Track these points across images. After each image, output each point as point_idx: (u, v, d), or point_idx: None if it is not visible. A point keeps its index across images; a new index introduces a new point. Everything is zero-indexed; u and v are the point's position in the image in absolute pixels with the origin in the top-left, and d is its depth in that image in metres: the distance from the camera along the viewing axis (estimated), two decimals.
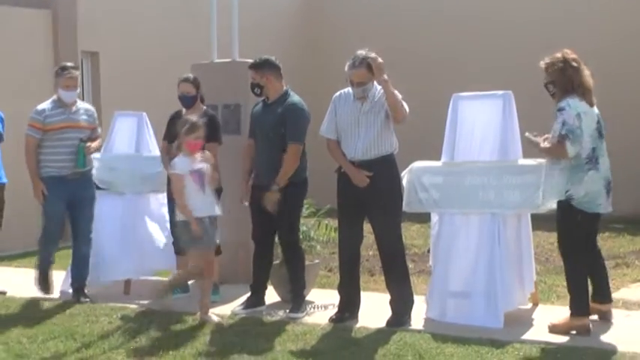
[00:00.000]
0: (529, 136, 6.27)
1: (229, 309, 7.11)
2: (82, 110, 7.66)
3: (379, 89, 6.46)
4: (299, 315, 6.82)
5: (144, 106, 8.99)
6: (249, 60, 7.59)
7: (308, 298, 7.27)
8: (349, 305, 6.69)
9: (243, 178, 7.16)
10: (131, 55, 12.22)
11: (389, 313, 6.53)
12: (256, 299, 7.15)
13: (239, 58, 8.53)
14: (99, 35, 11.91)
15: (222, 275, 7.73)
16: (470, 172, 6.59)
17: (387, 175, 6.51)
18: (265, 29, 13.95)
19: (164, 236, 8.16)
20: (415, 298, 6.70)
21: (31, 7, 11.39)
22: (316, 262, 7.78)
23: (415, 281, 7.63)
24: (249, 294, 7.21)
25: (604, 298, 6.42)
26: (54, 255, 7.78)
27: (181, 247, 7.11)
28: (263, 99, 7.16)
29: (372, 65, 6.35)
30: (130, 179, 8.12)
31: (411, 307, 6.60)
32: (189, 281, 7.56)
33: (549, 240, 9.73)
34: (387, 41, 13.80)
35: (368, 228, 6.71)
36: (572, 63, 6.13)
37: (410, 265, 7.11)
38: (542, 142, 6.14)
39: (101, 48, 12.09)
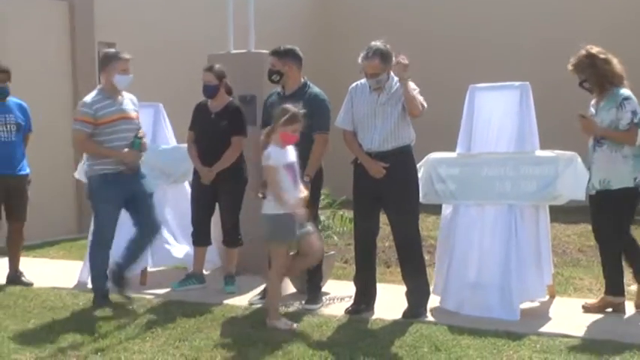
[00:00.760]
0: (583, 114, 6.40)
1: (246, 299, 7.13)
2: (127, 99, 7.17)
3: (396, 80, 6.44)
4: (315, 306, 6.83)
5: (161, 97, 9.00)
6: (264, 51, 7.58)
7: (324, 289, 7.27)
8: (365, 297, 6.69)
9: (258, 171, 7.15)
10: (148, 46, 12.21)
11: (405, 304, 6.52)
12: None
13: (255, 49, 8.52)
14: (116, 26, 11.93)
15: (239, 266, 7.74)
16: (487, 163, 6.57)
17: (403, 167, 6.49)
18: (281, 18, 13.92)
19: (182, 226, 8.18)
20: (431, 289, 6.69)
21: None
22: (332, 253, 7.77)
23: (431, 273, 7.60)
24: (265, 285, 7.21)
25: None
26: (107, 263, 7.03)
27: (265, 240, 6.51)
28: (278, 91, 7.13)
29: (397, 67, 6.32)
30: (147, 170, 8.11)
31: (427, 298, 6.59)
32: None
33: (566, 232, 9.71)
34: (404, 29, 13.80)
35: (384, 219, 6.69)
36: (600, 55, 6.34)
37: (426, 257, 7.08)
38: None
39: (118, 39, 12.08)
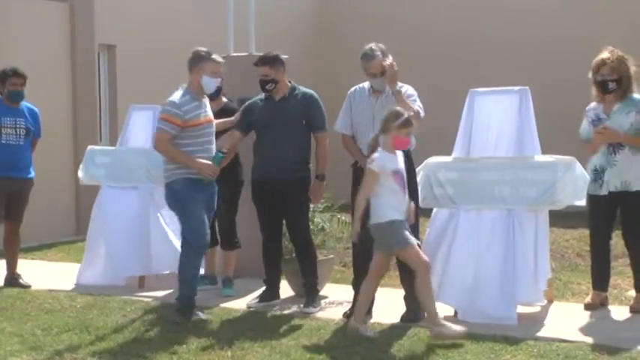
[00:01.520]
0: (604, 127, 6.58)
1: (244, 303, 7.12)
2: (206, 101, 6.81)
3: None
4: (313, 310, 6.82)
5: (160, 100, 8.99)
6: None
7: (322, 293, 7.27)
8: None
9: None
10: (148, 49, 12.24)
11: (403, 308, 6.52)
12: (271, 293, 7.16)
13: (255, 52, 8.52)
14: (116, 28, 11.95)
15: (237, 269, 7.74)
16: (485, 167, 6.56)
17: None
18: (281, 21, 13.92)
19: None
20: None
21: None
22: (330, 257, 7.77)
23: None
24: (263, 288, 7.22)
25: None
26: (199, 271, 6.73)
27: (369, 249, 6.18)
28: (261, 97, 7.12)
29: (386, 73, 6.36)
30: (146, 174, 8.12)
31: None
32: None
33: (565, 237, 9.70)
34: (404, 32, 13.82)
35: None
36: (627, 61, 6.62)
37: None
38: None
39: (118, 41, 12.12)
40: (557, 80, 12.37)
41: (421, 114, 6.46)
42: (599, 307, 6.71)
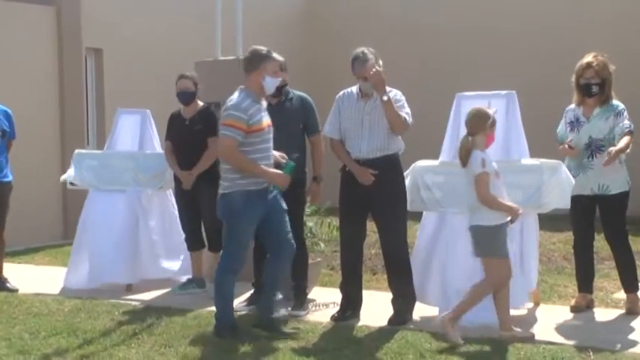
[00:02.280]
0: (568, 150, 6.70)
1: None
2: (265, 104, 6.36)
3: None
4: (301, 313, 6.83)
5: (147, 104, 9.00)
6: None
7: (310, 296, 7.28)
8: (351, 303, 6.69)
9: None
10: (135, 52, 12.23)
11: (391, 311, 6.53)
12: (259, 297, 7.15)
13: (243, 55, 8.51)
14: (103, 32, 11.93)
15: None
16: None
17: (391, 175, 6.50)
18: (268, 23, 13.92)
19: (171, 234, 8.19)
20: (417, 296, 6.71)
21: (35, 3, 11.40)
22: (318, 260, 7.79)
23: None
24: (252, 291, 7.22)
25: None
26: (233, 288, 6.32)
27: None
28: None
29: (372, 81, 6.34)
30: (133, 177, 8.11)
31: (413, 305, 6.60)
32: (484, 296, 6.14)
33: (551, 240, 9.74)
34: (392, 37, 13.84)
35: (370, 227, 6.71)
36: (609, 66, 6.71)
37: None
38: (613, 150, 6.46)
39: (105, 45, 12.10)
40: (544, 84, 12.41)
41: (408, 120, 6.47)
42: (585, 310, 6.75)
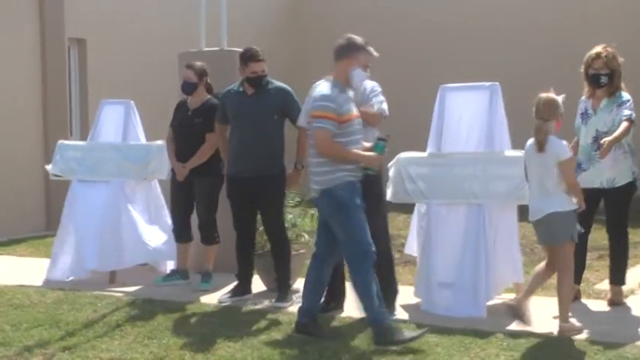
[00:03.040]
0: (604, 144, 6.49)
1: (216, 298, 7.12)
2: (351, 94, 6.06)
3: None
4: (284, 304, 6.83)
5: (131, 94, 8.96)
6: (237, 49, 7.56)
7: (294, 287, 7.27)
8: (335, 295, 6.69)
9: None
10: (118, 43, 12.17)
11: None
12: (242, 288, 7.16)
13: (227, 46, 8.49)
14: (86, 22, 11.87)
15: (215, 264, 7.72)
16: (456, 163, 6.60)
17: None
18: (253, 15, 13.90)
19: (158, 224, 8.18)
20: (400, 288, 6.72)
21: None
22: (302, 251, 7.78)
23: (400, 271, 7.65)
24: (235, 283, 7.22)
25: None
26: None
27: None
28: (237, 90, 7.09)
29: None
30: (117, 168, 8.09)
31: (396, 296, 6.61)
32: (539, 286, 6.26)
33: (533, 231, 9.75)
34: (376, 30, 13.81)
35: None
36: (618, 57, 6.68)
37: (396, 256, 7.12)
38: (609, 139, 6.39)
39: (88, 35, 12.04)
40: (527, 76, 12.44)
41: (385, 113, 6.40)
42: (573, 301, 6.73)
